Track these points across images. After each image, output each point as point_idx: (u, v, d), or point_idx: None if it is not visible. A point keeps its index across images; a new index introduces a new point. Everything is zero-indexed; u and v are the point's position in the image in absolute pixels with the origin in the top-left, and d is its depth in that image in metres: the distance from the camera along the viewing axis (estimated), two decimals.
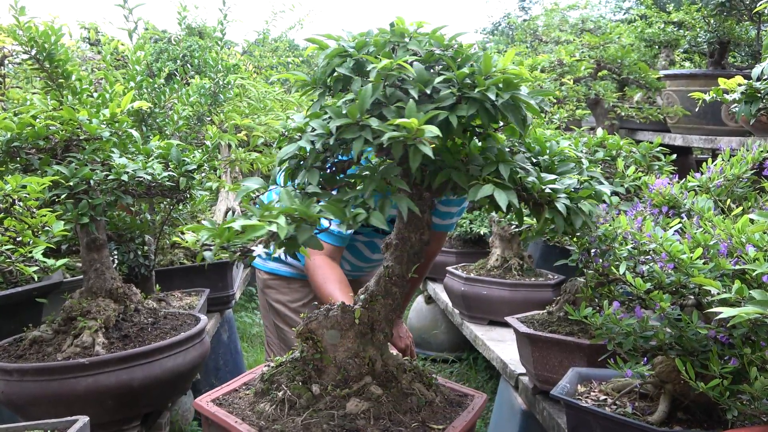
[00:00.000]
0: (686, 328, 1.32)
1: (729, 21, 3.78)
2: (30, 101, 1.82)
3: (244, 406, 1.41)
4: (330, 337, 1.37)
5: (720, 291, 1.18)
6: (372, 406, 1.29)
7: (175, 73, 3.42)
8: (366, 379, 1.34)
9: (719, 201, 1.74)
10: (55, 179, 1.59)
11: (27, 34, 2.02)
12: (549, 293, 2.85)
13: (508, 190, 1.10)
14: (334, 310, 1.39)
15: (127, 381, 1.62)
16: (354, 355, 1.36)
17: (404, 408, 1.31)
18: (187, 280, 2.80)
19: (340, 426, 1.25)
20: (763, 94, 1.61)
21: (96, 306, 1.75)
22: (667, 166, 2.13)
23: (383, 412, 1.28)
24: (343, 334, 1.37)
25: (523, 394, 2.31)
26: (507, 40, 8.84)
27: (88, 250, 1.79)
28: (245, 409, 1.39)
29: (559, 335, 1.98)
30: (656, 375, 1.46)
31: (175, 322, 1.89)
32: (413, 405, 1.32)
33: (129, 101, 1.85)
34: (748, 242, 1.28)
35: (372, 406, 1.29)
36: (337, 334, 1.36)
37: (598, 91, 3.74)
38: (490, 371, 4.02)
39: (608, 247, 1.59)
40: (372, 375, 1.36)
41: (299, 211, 1.04)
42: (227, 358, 3.40)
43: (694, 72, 3.89)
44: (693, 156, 4.71)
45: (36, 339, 1.71)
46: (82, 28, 4.89)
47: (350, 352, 1.36)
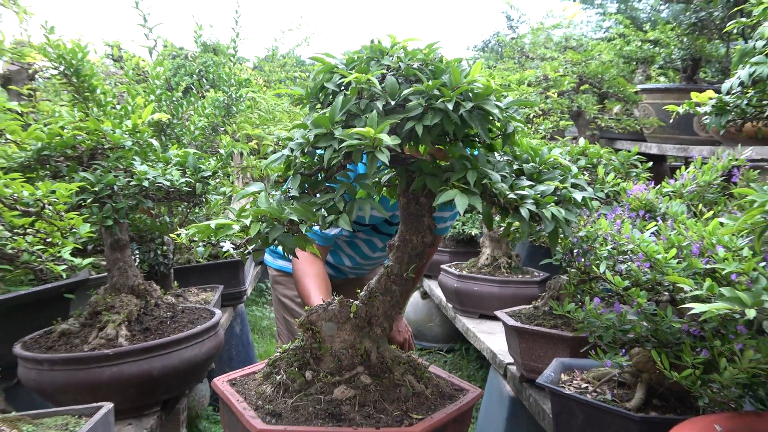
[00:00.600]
0: (661, 323, 1.32)
1: (701, 39, 3.79)
2: (59, 113, 1.82)
3: (252, 387, 1.41)
4: (327, 328, 1.37)
5: (692, 288, 1.18)
6: (358, 394, 1.27)
7: (191, 87, 3.41)
8: (358, 368, 1.33)
9: (692, 205, 1.74)
10: (81, 185, 1.59)
11: (56, 51, 2.03)
12: (535, 289, 2.85)
13: (472, 195, 1.08)
14: (333, 305, 1.39)
15: (148, 370, 1.62)
16: (349, 346, 1.35)
17: (391, 397, 1.29)
18: (203, 277, 2.80)
19: (324, 410, 1.24)
20: (732, 107, 1.61)
21: (119, 301, 1.75)
22: (643, 173, 2.13)
23: (369, 400, 1.27)
24: (339, 327, 1.36)
25: (511, 382, 2.31)
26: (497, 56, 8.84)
27: (111, 249, 1.79)
28: (251, 389, 1.40)
29: (545, 328, 1.98)
30: (633, 365, 1.46)
31: (191, 316, 1.89)
32: (401, 395, 1.30)
33: (149, 113, 1.85)
34: (718, 243, 1.28)
35: (358, 394, 1.27)
36: (334, 326, 1.36)
37: (580, 103, 3.75)
38: (481, 361, 4.02)
39: (590, 248, 1.59)
40: (366, 365, 1.34)
41: (269, 212, 1.05)
42: (239, 349, 3.40)
43: (669, 86, 3.89)
44: (667, 163, 4.71)
45: (64, 332, 1.71)
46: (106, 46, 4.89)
47: (346, 344, 1.35)
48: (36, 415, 1.32)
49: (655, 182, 1.94)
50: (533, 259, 3.50)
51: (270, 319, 5.34)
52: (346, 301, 1.39)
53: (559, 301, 2.02)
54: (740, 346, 1.17)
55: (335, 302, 1.39)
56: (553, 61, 4.16)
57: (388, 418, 1.23)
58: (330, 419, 1.23)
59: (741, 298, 1.04)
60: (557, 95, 3.86)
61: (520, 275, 3.01)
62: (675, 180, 1.85)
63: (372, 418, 1.23)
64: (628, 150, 2.23)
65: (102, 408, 1.33)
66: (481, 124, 1.11)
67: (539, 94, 3.91)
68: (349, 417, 1.23)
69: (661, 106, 3.70)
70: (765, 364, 1.16)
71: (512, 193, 1.10)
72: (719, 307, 1.03)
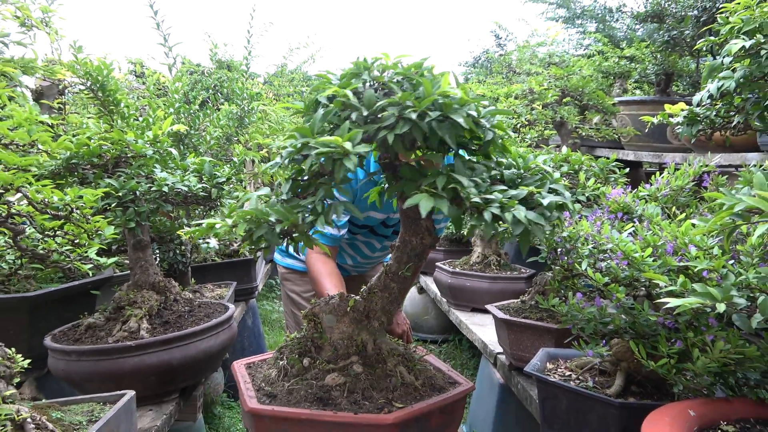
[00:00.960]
0: (639, 316, 1.32)
1: (673, 56, 3.79)
2: (86, 125, 1.81)
3: (263, 370, 1.41)
4: (327, 320, 1.36)
5: (667, 284, 1.18)
6: (349, 381, 1.26)
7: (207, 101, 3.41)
8: (352, 358, 1.32)
9: (666, 208, 1.74)
10: (106, 190, 1.59)
11: (84, 68, 2.02)
12: (522, 285, 2.85)
13: (439, 199, 1.05)
14: (333, 299, 1.38)
15: (168, 360, 1.61)
16: (347, 337, 1.34)
17: (380, 387, 1.27)
18: (218, 275, 2.80)
19: (314, 394, 1.24)
20: (702, 117, 1.61)
21: (141, 297, 1.74)
22: (621, 178, 2.13)
23: (358, 388, 1.25)
24: (339, 319, 1.35)
25: (501, 370, 2.31)
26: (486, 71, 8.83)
27: (134, 249, 1.78)
28: (261, 372, 1.40)
29: (531, 320, 1.98)
30: (613, 355, 1.45)
31: (207, 310, 1.88)
32: (389, 385, 1.28)
33: (169, 124, 1.85)
34: (690, 243, 1.28)
35: (349, 381, 1.26)
36: (333, 318, 1.35)
37: (562, 114, 3.74)
38: (473, 351, 4.01)
39: (572, 247, 1.59)
40: (361, 356, 1.33)
41: (253, 213, 1.07)
42: (251, 340, 3.39)
43: (644, 99, 3.89)
44: (643, 169, 4.70)
45: (90, 325, 1.71)
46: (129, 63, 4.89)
47: (344, 335, 1.34)
48: (64, 402, 1.32)
49: (632, 186, 1.94)
50: (520, 256, 3.49)
51: (279, 313, 5.34)
52: (346, 296, 1.39)
53: (545, 296, 2.01)
54: (711, 337, 1.16)
55: (336, 296, 1.38)
56: (538, 76, 4.16)
57: (371, 405, 1.22)
58: (317, 403, 1.22)
59: (712, 293, 1.03)
60: (542, 107, 3.86)
61: (508, 272, 3.00)
62: (650, 185, 1.84)
63: (357, 404, 1.22)
64: (606, 157, 2.22)
65: (125, 395, 1.33)
66: (449, 132, 1.08)
67: (525, 106, 3.90)
68: (335, 402, 1.22)
69: (637, 117, 3.69)
70: (734, 354, 1.15)
71: (477, 197, 1.07)
72: (692, 302, 1.02)
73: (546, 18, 9.71)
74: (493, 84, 6.17)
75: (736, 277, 1.13)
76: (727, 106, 1.54)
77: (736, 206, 0.91)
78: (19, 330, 1.73)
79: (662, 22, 3.75)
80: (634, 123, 3.75)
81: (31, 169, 1.47)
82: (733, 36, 1.38)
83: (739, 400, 1.19)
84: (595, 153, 4.35)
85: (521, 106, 3.87)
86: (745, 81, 1.36)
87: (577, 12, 7.97)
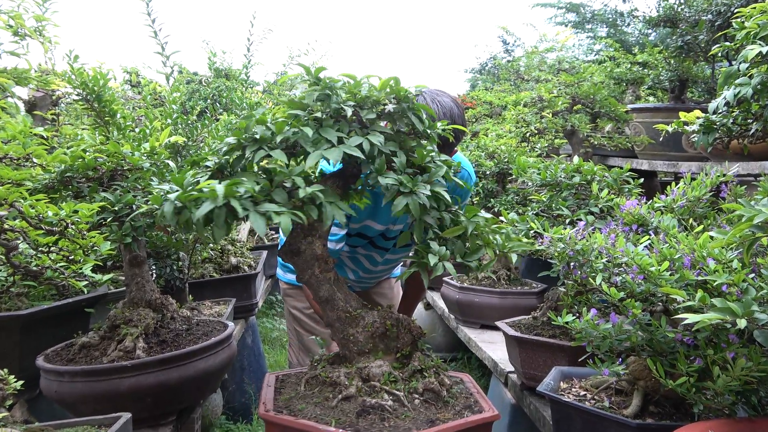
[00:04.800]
0: (656, 332, 1.31)
1: (687, 61, 3.80)
2: (81, 137, 1.83)
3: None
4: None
5: (685, 299, 1.18)
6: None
7: (205, 111, 3.44)
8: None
9: (682, 220, 1.74)
10: (102, 205, 1.60)
11: (80, 78, 2.05)
12: (533, 300, 2.84)
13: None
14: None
15: (165, 381, 1.61)
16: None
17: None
18: (216, 291, 2.80)
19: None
20: (719, 125, 1.61)
21: (137, 315, 1.75)
22: (635, 188, 2.13)
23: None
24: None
25: (512, 389, 2.30)
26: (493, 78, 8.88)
27: (130, 265, 1.79)
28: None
29: (544, 338, 1.97)
30: (630, 373, 1.45)
31: (206, 329, 1.88)
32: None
33: (166, 136, 1.86)
34: (708, 256, 1.28)
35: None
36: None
37: (573, 123, 3.76)
38: (483, 369, 3.99)
39: (585, 261, 1.59)
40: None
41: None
42: (251, 359, 3.38)
43: (658, 106, 3.90)
44: (658, 179, 4.70)
45: (84, 344, 1.71)
46: (124, 72, 4.95)
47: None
48: (57, 425, 1.32)
49: (646, 197, 1.94)
50: (531, 271, 3.48)
51: (280, 331, 5.33)
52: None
53: (557, 312, 2.01)
54: (732, 354, 1.16)
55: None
56: (547, 83, 4.18)
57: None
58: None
59: (732, 309, 1.03)
60: (552, 115, 3.88)
61: (519, 287, 3.00)
62: (666, 195, 1.84)
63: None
64: (620, 167, 2.23)
65: (120, 418, 1.33)
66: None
67: (534, 114, 3.92)
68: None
69: (651, 125, 3.70)
70: (756, 371, 1.15)
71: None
72: (711, 317, 1.02)
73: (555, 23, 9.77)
74: (500, 91, 6.20)
75: (757, 291, 1.13)
76: (744, 113, 1.54)
77: (755, 217, 0.91)
78: (10, 350, 1.73)
79: (675, 27, 3.78)
80: (648, 131, 3.75)
81: (25, 183, 1.48)
82: (749, 41, 1.39)
83: (762, 421, 1.19)
84: (607, 162, 4.36)
85: (530, 115, 3.89)
86: (762, 87, 1.37)
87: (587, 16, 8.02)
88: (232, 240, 3.23)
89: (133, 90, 4.60)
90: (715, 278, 1.18)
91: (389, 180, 1.25)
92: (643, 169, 3.85)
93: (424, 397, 1.30)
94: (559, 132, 3.84)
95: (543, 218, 2.08)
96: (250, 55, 3.85)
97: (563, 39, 6.50)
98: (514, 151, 3.33)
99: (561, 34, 6.69)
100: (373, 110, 1.30)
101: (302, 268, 1.40)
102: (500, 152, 3.30)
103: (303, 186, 1.17)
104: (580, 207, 2.09)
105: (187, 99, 3.46)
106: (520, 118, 3.97)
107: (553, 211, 2.12)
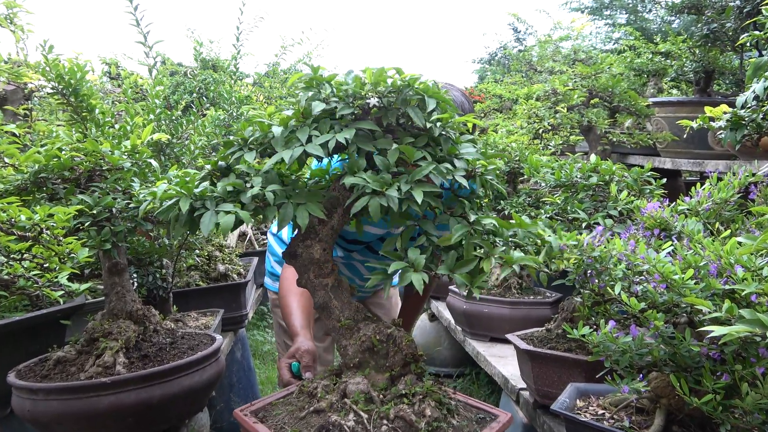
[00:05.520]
0: (680, 346, 1.32)
1: (713, 51, 3.81)
2: (56, 134, 1.84)
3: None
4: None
5: (711, 310, 1.18)
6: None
7: (191, 105, 3.45)
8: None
9: (708, 223, 1.74)
10: (79, 208, 1.60)
11: (54, 70, 2.05)
12: (547, 311, 2.84)
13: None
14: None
15: (147, 399, 1.61)
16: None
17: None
18: (203, 301, 2.80)
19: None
20: (748, 121, 1.62)
21: (117, 327, 1.75)
22: (657, 189, 2.14)
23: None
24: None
25: (524, 408, 2.30)
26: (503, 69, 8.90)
27: (109, 274, 1.79)
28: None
29: (558, 352, 1.97)
30: (652, 390, 1.45)
31: (192, 342, 1.88)
32: None
33: (149, 133, 1.87)
34: (736, 263, 1.28)
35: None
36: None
37: (590, 118, 3.76)
38: (492, 386, 3.99)
39: (603, 268, 1.59)
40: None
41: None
42: (240, 375, 3.39)
43: (682, 99, 3.91)
44: (682, 179, 4.71)
45: (60, 359, 1.71)
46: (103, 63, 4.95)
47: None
48: None
49: (669, 198, 1.94)
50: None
51: (272, 344, 5.33)
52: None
53: (573, 324, 2.01)
54: (762, 369, 1.16)
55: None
56: (562, 75, 4.19)
57: None
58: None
59: (762, 320, 1.03)
60: (566, 110, 3.88)
61: (531, 296, 3.00)
62: (690, 197, 1.85)
63: None
64: (641, 165, 2.23)
65: None
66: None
67: (548, 108, 3.93)
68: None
69: (674, 120, 3.71)
70: None
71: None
72: (739, 330, 1.02)
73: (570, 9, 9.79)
74: (511, 84, 6.21)
75: None
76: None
77: None
78: None
79: (701, 14, 3.79)
80: (671, 127, 3.76)
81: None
82: None
83: None
84: (627, 161, 4.37)
85: (543, 109, 3.90)
86: None
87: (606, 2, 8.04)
88: (220, 246, 3.24)
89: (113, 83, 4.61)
90: (743, 287, 1.19)
91: (354, 180, 1.25)
92: (665, 168, 3.86)
93: (393, 425, 1.26)
94: (575, 128, 3.85)
95: (557, 222, 2.09)
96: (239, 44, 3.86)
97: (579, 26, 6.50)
98: (526, 149, 3.33)
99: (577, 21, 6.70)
100: (351, 106, 1.31)
101: (300, 272, 1.44)
102: (511, 150, 3.30)
103: (257, 185, 1.26)
104: (597, 210, 2.09)
105: (171, 92, 3.47)
106: (532, 112, 3.98)
107: (568, 214, 2.12)
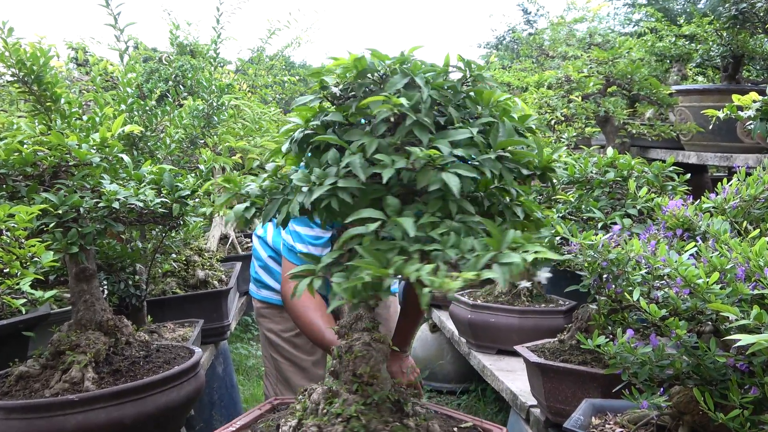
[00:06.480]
0: (704, 357, 1.32)
1: (743, 34, 3.82)
2: (17, 126, 1.84)
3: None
4: None
5: (738, 317, 1.19)
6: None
7: (166, 94, 3.45)
8: None
9: (735, 223, 1.75)
10: (43, 207, 1.60)
11: (15, 56, 2.05)
12: (560, 320, 2.85)
13: None
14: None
15: (119, 418, 1.62)
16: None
17: None
18: (181, 311, 2.80)
19: None
20: None
21: (85, 339, 1.75)
22: (680, 186, 2.14)
23: None
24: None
25: (535, 427, 2.30)
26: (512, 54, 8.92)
27: (77, 280, 1.80)
28: None
29: (572, 365, 1.98)
30: (674, 406, 1.46)
31: (168, 356, 1.89)
32: None
33: (120, 125, 1.87)
34: (766, 266, 1.29)
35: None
36: None
37: (607, 108, 3.77)
38: (500, 403, 4.00)
39: (621, 272, 1.60)
40: None
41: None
42: (222, 393, 3.39)
43: (708, 87, 3.92)
44: (708, 174, 4.73)
45: (22, 374, 1.71)
46: (69, 48, 4.94)
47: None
48: None
49: (694, 196, 1.95)
50: (557, 285, 3.49)
51: (257, 358, 5.33)
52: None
53: (588, 334, 2.02)
54: None
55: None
56: (576, 60, 4.20)
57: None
58: None
59: None
60: (581, 99, 3.89)
61: (542, 304, 3.01)
62: (716, 194, 1.85)
63: None
64: (662, 160, 2.24)
65: None
66: None
67: (561, 97, 3.94)
68: None
69: (700, 110, 3.72)
70: None
71: None
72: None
73: None
74: (520, 70, 6.23)
75: None
76: None
77: None
78: None
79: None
80: (696, 117, 3.77)
81: None
82: None
83: None
84: (648, 155, 4.38)
85: (556, 98, 3.90)
86: None
87: None
88: (200, 250, 3.24)
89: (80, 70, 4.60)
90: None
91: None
92: (690, 162, 3.87)
93: None
94: (591, 119, 3.86)
95: (571, 222, 2.10)
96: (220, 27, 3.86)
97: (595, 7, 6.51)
98: None
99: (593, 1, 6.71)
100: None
101: None
102: None
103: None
104: (614, 208, 2.10)
105: (144, 80, 3.47)
106: (543, 102, 3.98)
107: (583, 213, 2.13)
